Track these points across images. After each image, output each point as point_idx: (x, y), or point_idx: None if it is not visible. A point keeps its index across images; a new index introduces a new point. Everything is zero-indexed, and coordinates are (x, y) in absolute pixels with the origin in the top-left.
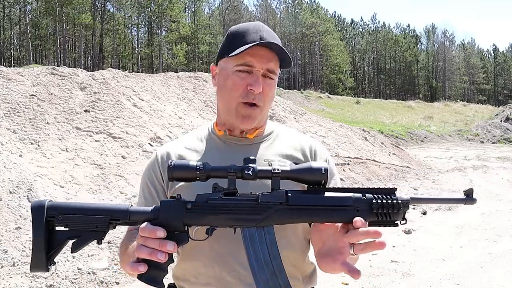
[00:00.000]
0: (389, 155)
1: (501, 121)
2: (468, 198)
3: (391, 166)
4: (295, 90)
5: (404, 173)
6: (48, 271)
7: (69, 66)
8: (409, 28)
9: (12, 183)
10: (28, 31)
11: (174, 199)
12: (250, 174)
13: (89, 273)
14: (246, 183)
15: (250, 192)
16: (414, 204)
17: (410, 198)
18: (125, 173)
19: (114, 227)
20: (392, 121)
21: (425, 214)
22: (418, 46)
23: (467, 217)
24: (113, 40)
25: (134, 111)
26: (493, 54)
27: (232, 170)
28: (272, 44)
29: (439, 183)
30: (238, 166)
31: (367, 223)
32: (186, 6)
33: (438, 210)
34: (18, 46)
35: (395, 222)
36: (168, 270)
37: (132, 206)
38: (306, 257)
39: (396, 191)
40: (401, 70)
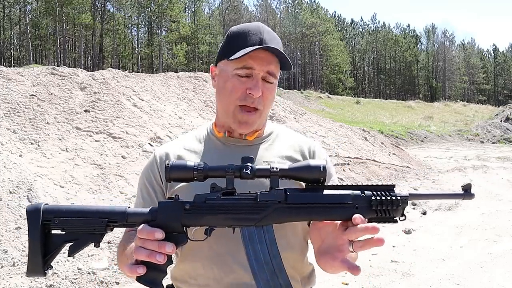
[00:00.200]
0: (389, 155)
1: (501, 121)
2: (466, 193)
3: (391, 166)
4: (295, 90)
5: (404, 173)
6: (45, 276)
7: (69, 66)
8: (409, 28)
9: (12, 183)
10: (28, 31)
11: (172, 200)
12: (248, 173)
13: (89, 273)
14: (245, 183)
15: (249, 191)
16: (412, 200)
17: (408, 194)
18: (125, 173)
19: (112, 229)
20: (392, 121)
21: (425, 214)
22: (418, 46)
23: (467, 217)
24: (113, 40)
25: (134, 111)
26: (493, 54)
27: (230, 170)
28: (272, 48)
29: (439, 183)
30: (236, 166)
31: (367, 220)
32: (186, 6)
33: (438, 210)
34: (18, 46)
35: (394, 218)
36: (167, 271)
37: (129, 207)
38: (305, 258)
39: (394, 188)
40: (401, 70)
